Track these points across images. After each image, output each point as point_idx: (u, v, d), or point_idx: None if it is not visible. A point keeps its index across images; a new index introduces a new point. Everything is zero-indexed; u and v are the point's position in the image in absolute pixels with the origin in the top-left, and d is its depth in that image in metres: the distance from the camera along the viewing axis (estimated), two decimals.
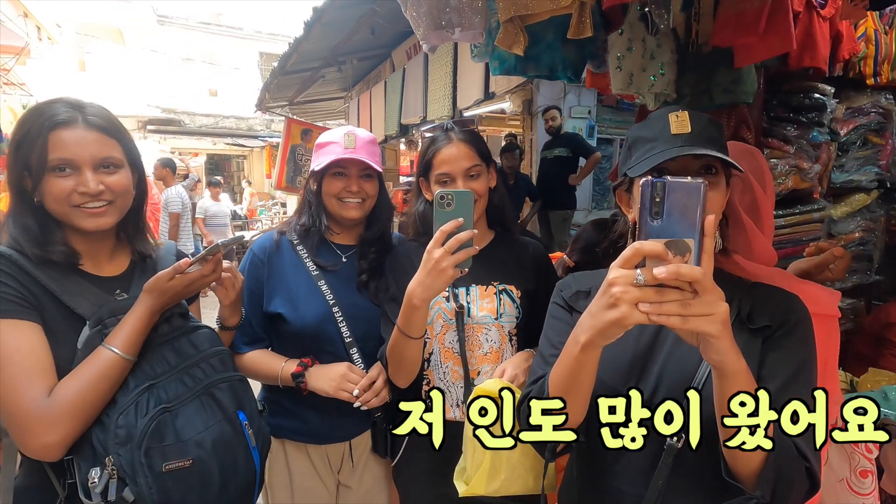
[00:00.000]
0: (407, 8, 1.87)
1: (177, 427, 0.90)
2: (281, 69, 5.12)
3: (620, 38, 2.22)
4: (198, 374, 0.98)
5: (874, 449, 1.02)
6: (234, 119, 14.16)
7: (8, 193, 0.97)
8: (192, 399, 0.94)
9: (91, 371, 0.88)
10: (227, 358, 1.07)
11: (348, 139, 1.30)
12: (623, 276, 0.61)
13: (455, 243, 0.94)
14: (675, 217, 0.59)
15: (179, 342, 1.00)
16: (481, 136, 1.32)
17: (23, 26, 7.50)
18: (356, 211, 1.32)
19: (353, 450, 1.40)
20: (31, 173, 0.93)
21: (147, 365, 0.94)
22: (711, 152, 0.78)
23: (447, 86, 3.98)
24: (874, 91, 2.67)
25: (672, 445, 0.78)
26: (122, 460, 0.86)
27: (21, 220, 0.94)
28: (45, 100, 0.98)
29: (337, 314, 1.31)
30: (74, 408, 0.86)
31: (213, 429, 0.95)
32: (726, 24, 2.09)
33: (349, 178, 1.31)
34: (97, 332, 0.92)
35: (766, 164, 1.11)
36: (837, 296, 0.99)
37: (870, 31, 2.49)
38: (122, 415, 0.88)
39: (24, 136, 0.92)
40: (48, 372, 0.88)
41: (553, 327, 0.96)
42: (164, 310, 0.99)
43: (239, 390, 1.05)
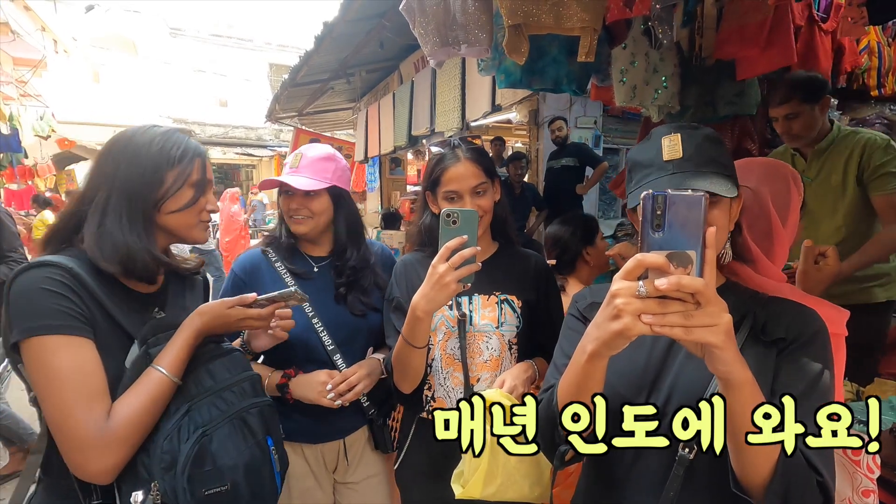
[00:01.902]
0: (415, 25, 1.92)
1: (213, 451, 0.90)
2: (291, 81, 5.20)
3: (624, 52, 2.26)
4: (230, 397, 0.98)
5: (875, 469, 1.01)
6: (243, 129, 14.35)
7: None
8: (225, 423, 0.94)
9: (144, 394, 0.88)
10: (258, 382, 1.07)
11: (295, 159, 1.37)
12: (626, 288, 0.61)
13: (459, 259, 0.98)
14: (676, 229, 0.60)
15: (214, 364, 0.99)
16: (486, 151, 1.36)
17: (40, 40, 7.68)
18: (303, 227, 1.37)
19: (347, 448, 1.42)
20: (170, 186, 0.97)
21: (186, 387, 0.94)
22: (697, 185, 0.77)
23: (456, 98, 4.03)
24: (878, 102, 2.69)
25: (684, 457, 0.78)
26: (167, 486, 0.86)
27: (135, 227, 0.95)
28: (170, 129, 1.04)
29: (317, 325, 1.35)
30: (131, 431, 0.85)
31: (245, 454, 0.95)
32: (729, 37, 2.13)
33: (293, 196, 1.37)
34: (143, 351, 0.92)
35: (798, 192, 1.05)
36: (846, 314, 0.98)
37: (872, 44, 2.52)
38: (166, 440, 0.88)
39: (182, 154, 0.99)
40: (105, 394, 0.86)
41: (567, 338, 0.96)
42: (209, 334, 1.00)
43: (268, 416, 1.05)
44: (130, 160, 0.96)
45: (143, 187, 0.96)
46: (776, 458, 0.68)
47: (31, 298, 0.85)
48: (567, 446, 0.79)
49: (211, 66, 14.83)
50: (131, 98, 12.83)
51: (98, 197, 0.95)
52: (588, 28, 1.76)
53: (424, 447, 1.33)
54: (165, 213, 0.98)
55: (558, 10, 1.78)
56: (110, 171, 0.96)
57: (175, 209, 0.99)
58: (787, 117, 1.96)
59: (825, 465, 0.71)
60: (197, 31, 14.71)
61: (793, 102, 1.95)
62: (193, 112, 13.70)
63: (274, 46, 15.51)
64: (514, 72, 2.29)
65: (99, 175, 0.97)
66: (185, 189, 0.99)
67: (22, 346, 0.84)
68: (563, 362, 0.90)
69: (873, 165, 1.90)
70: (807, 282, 1.29)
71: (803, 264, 1.30)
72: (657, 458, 0.81)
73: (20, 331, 0.83)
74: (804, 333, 0.80)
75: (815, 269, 1.28)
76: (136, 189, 0.95)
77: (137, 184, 0.95)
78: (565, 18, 1.78)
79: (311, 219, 1.37)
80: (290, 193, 1.37)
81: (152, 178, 0.96)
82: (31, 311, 0.84)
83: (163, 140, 0.99)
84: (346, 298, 1.39)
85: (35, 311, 0.84)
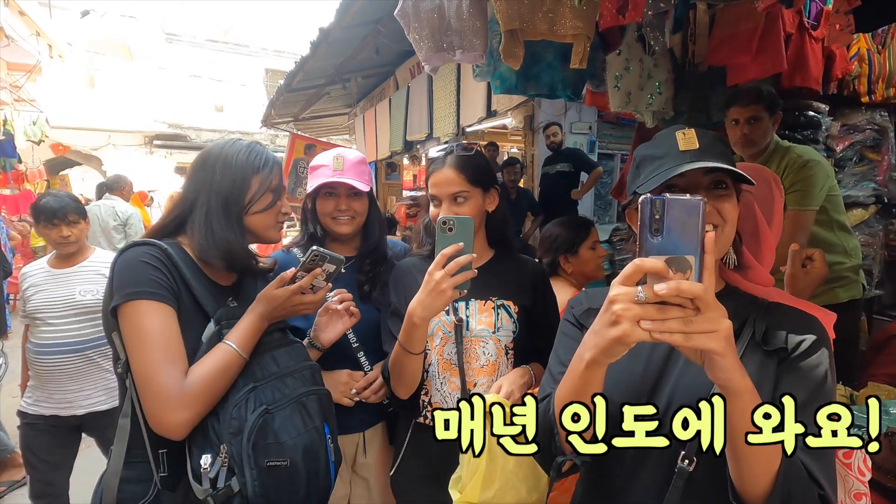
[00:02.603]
0: (410, 31, 1.93)
1: (275, 428, 0.97)
2: (287, 87, 5.21)
3: (618, 58, 2.28)
4: (291, 383, 1.06)
5: (867, 471, 1.01)
6: (239, 134, 14.30)
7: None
8: (287, 405, 1.02)
9: (217, 362, 0.98)
10: (317, 372, 1.15)
11: (337, 162, 1.42)
12: (624, 294, 0.59)
13: (455, 266, 0.99)
14: (675, 234, 0.59)
15: (278, 352, 1.09)
16: (482, 159, 1.33)
17: (35, 45, 7.66)
18: (347, 227, 1.43)
19: (367, 442, 1.46)
20: (255, 192, 1.09)
21: (252, 368, 1.03)
22: (721, 165, 0.77)
23: (451, 104, 4.05)
24: (869, 108, 2.72)
25: (683, 469, 0.77)
26: (233, 450, 0.93)
27: (230, 227, 1.07)
28: (251, 142, 1.16)
29: None
30: (205, 392, 0.95)
31: (304, 436, 1.02)
32: (721, 44, 2.16)
33: (339, 197, 1.42)
34: (217, 330, 1.03)
35: (780, 194, 1.08)
36: (833, 316, 0.99)
37: (863, 51, 2.55)
38: (235, 408, 0.96)
39: (264, 164, 1.11)
40: (184, 357, 0.97)
41: (563, 345, 0.95)
42: (272, 320, 1.09)
43: (325, 404, 1.12)
44: (223, 168, 1.08)
45: (235, 192, 1.08)
46: (776, 468, 0.67)
47: (132, 269, 0.98)
48: (564, 457, 0.78)
49: (207, 72, 14.82)
50: (126, 103, 12.80)
51: (199, 200, 1.08)
52: (581, 35, 1.78)
53: (421, 452, 1.33)
54: (251, 215, 1.10)
55: (552, 16, 1.80)
56: (208, 178, 1.08)
57: (259, 211, 1.10)
58: (750, 121, 2.01)
59: (827, 477, 0.70)
60: (193, 37, 14.71)
61: (759, 107, 2.00)
62: (189, 117, 13.67)
63: (270, 52, 15.52)
64: (510, 77, 2.31)
65: (197, 181, 1.10)
66: (268, 193, 1.11)
67: (120, 309, 0.96)
68: (558, 370, 0.89)
69: (788, 182, 1.98)
70: (795, 285, 1.30)
71: (791, 268, 1.32)
72: (656, 469, 0.81)
73: (121, 296, 0.95)
74: (805, 341, 0.79)
75: (803, 272, 1.30)
76: (230, 193, 1.08)
77: (231, 188, 1.08)
78: (559, 25, 1.80)
79: (354, 219, 1.44)
80: (334, 195, 1.42)
81: (242, 183, 1.09)
82: (131, 279, 0.97)
83: (248, 150, 1.12)
84: (371, 295, 1.44)
85: (134, 280, 0.97)
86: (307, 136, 7.91)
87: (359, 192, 1.42)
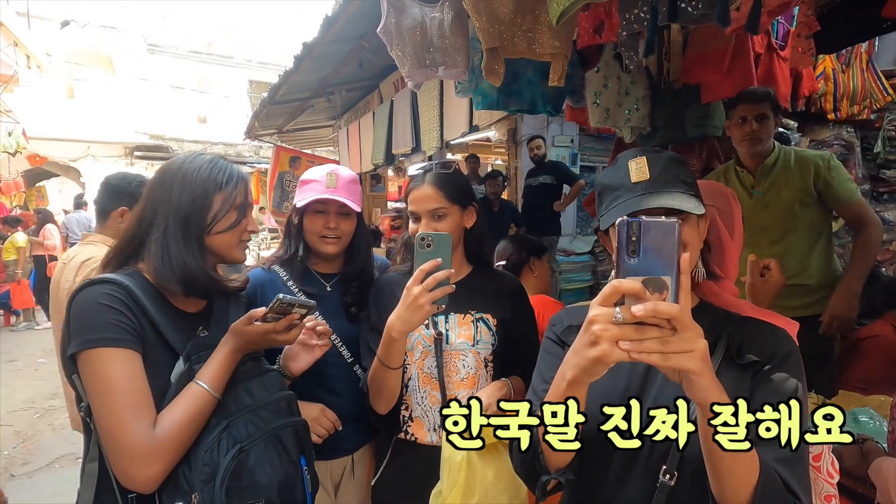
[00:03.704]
0: (392, 48, 1.96)
1: (250, 467, 0.93)
2: (270, 99, 5.21)
3: (597, 75, 2.35)
4: (266, 415, 1.01)
5: (835, 473, 1.05)
6: (222, 145, 14.20)
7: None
8: (261, 440, 0.97)
9: (188, 406, 0.92)
10: (293, 402, 1.10)
11: (330, 178, 1.38)
12: (603, 315, 0.61)
13: (433, 282, 1.01)
14: (651, 255, 0.60)
15: (252, 383, 1.03)
16: (460, 178, 1.37)
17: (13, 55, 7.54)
18: (333, 247, 1.40)
19: (355, 463, 1.44)
20: (218, 210, 1.03)
21: (225, 402, 0.98)
22: (667, 203, 0.80)
23: (435, 118, 4.10)
24: (836, 125, 2.83)
25: (665, 483, 0.79)
26: (206, 498, 0.89)
27: (188, 249, 1.01)
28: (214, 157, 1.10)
29: (336, 340, 1.37)
30: (175, 441, 0.89)
31: (280, 471, 0.97)
32: (694, 63, 2.23)
33: (328, 215, 1.39)
34: (187, 368, 0.96)
35: (739, 211, 1.14)
36: (795, 325, 1.02)
37: (828, 71, 2.67)
38: (207, 452, 0.91)
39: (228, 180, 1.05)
40: (151, 405, 0.91)
41: (546, 362, 0.96)
42: (245, 352, 1.03)
43: (302, 435, 1.08)
44: (182, 186, 1.02)
45: (195, 211, 1.02)
46: (755, 481, 0.69)
47: (90, 312, 0.91)
48: (549, 476, 0.79)
49: (190, 83, 14.73)
50: (107, 114, 12.63)
51: (156, 221, 1.02)
52: (559, 54, 1.83)
53: (403, 468, 1.33)
54: (213, 235, 1.04)
55: (531, 35, 1.85)
56: (165, 196, 1.02)
57: (221, 230, 1.05)
58: (758, 118, 2.02)
59: (802, 488, 0.73)
60: (176, 48, 14.63)
61: (767, 105, 2.02)
62: (171, 128, 13.53)
63: (254, 63, 15.50)
64: (491, 93, 2.35)
65: (154, 200, 1.03)
66: (231, 211, 1.05)
67: (79, 357, 0.90)
68: (542, 388, 0.91)
69: (828, 182, 2.02)
70: (755, 294, 1.36)
71: (751, 277, 1.37)
72: (639, 484, 0.82)
73: (79, 342, 0.90)
74: (777, 354, 0.82)
75: (762, 281, 1.35)
76: (190, 213, 1.02)
77: (191, 207, 1.02)
78: (537, 44, 1.85)
79: (340, 240, 1.41)
80: (324, 213, 1.38)
81: (203, 202, 1.03)
82: (90, 324, 0.90)
83: (209, 167, 1.05)
84: (359, 316, 1.42)
85: (93, 325, 0.90)
86: (292, 149, 7.89)
87: (349, 212, 1.40)
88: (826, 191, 2.03)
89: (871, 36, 2.28)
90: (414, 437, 1.30)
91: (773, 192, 2.07)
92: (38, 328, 7.62)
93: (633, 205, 0.81)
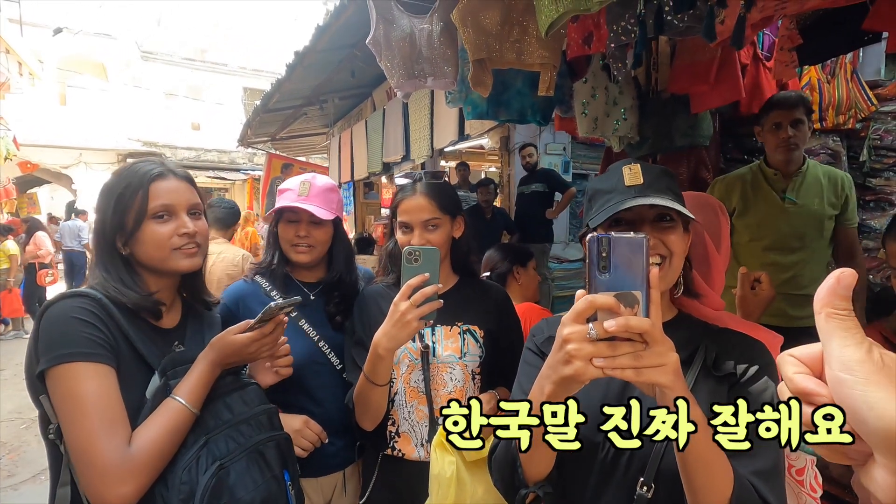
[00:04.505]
0: (382, 59, 1.98)
1: (230, 485, 0.90)
2: (263, 107, 5.21)
3: (585, 85, 2.37)
4: (247, 430, 0.98)
5: (818, 488, 1.05)
6: (216, 152, 14.18)
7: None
8: (242, 456, 0.94)
9: (164, 423, 0.89)
10: (275, 415, 1.07)
11: (303, 187, 1.36)
12: (576, 333, 0.62)
13: (420, 297, 0.99)
14: (621, 270, 0.61)
15: (231, 397, 1.01)
16: (449, 188, 1.37)
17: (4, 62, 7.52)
18: (305, 256, 1.38)
19: (346, 480, 1.41)
20: (125, 225, 0.97)
21: (204, 418, 0.95)
22: (661, 202, 0.82)
23: (426, 127, 4.11)
24: (823, 134, 2.86)
25: (642, 496, 0.79)
26: None
27: (115, 272, 0.97)
28: (135, 160, 1.05)
29: (324, 347, 1.36)
30: (151, 459, 0.86)
31: (262, 488, 0.95)
32: (681, 73, 2.26)
33: (300, 224, 1.37)
34: (163, 383, 0.93)
35: (726, 221, 1.14)
36: (780, 339, 1.04)
37: (813, 81, 2.70)
38: (185, 471, 0.88)
39: (125, 189, 0.98)
40: (126, 421, 0.87)
41: (526, 373, 0.96)
42: (226, 367, 1.00)
43: (285, 449, 1.05)
44: (99, 209, 0.99)
45: (109, 234, 0.98)
46: (729, 493, 0.69)
47: (61, 326, 0.87)
48: (527, 489, 0.79)
49: (183, 90, 14.71)
50: (99, 121, 12.58)
51: (96, 244, 1.00)
52: (547, 64, 1.85)
53: (390, 485, 1.30)
54: (132, 250, 0.99)
55: (519, 46, 1.86)
56: (95, 222, 1.00)
57: (132, 243, 0.98)
58: (794, 124, 1.97)
59: (776, 497, 0.73)
60: (170, 56, 14.61)
61: (801, 110, 1.97)
62: (165, 135, 13.50)
63: (248, 71, 15.50)
64: (481, 104, 2.37)
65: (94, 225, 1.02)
66: (128, 221, 0.98)
67: (48, 373, 0.86)
68: (522, 399, 0.91)
69: (847, 198, 2.04)
70: (745, 307, 1.36)
71: (741, 290, 1.37)
72: (617, 496, 0.83)
73: (50, 358, 0.86)
74: (753, 367, 0.83)
75: (752, 294, 1.35)
76: (102, 233, 0.98)
77: (101, 230, 0.98)
78: (526, 55, 1.87)
79: (314, 248, 1.38)
80: (296, 221, 1.37)
81: (112, 222, 0.98)
82: (61, 339, 0.87)
83: (115, 180, 1.00)
84: (343, 326, 1.40)
85: (65, 340, 0.86)
86: (284, 156, 7.89)
87: (321, 221, 1.37)
88: (843, 208, 2.05)
89: (853, 48, 2.31)
90: (401, 453, 1.28)
91: (805, 200, 2.04)
92: (27, 337, 7.51)
93: (627, 203, 0.82)
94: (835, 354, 0.37)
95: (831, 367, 0.38)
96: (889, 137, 2.88)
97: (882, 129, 2.88)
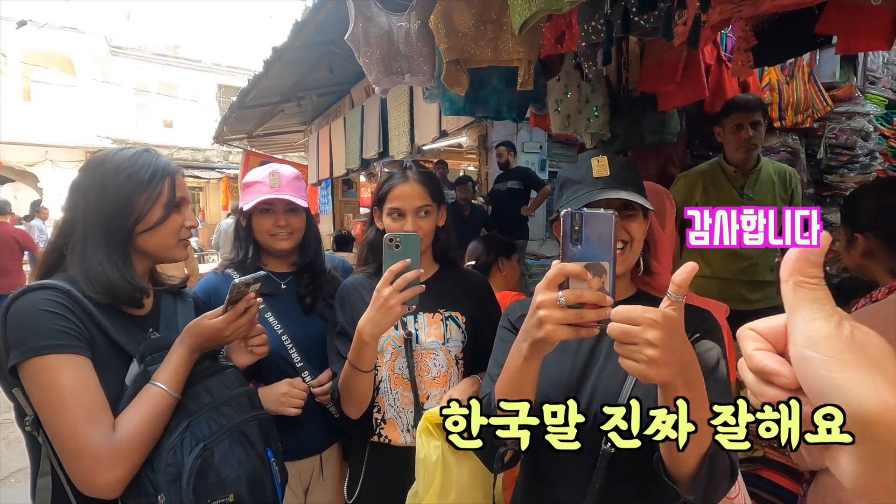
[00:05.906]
0: (360, 55, 2.01)
1: (216, 465, 0.92)
2: (240, 104, 5.16)
3: (558, 84, 2.44)
4: (228, 412, 1.00)
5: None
6: (190, 150, 13.90)
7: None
8: (225, 436, 0.96)
9: (147, 407, 0.90)
10: (255, 396, 1.09)
11: (273, 178, 1.39)
12: (548, 300, 0.70)
13: (402, 282, 1.01)
14: (592, 242, 0.69)
15: (211, 381, 1.02)
16: (436, 177, 1.41)
17: None
18: (286, 243, 1.41)
19: (323, 463, 1.43)
20: (150, 213, 0.99)
21: (184, 402, 0.96)
22: (626, 196, 0.90)
23: (405, 123, 4.15)
24: (782, 132, 3.01)
25: (606, 451, 0.86)
26: (173, 498, 0.88)
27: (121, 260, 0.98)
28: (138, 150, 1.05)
29: (286, 342, 1.37)
30: (137, 444, 0.87)
31: (247, 466, 0.97)
32: (649, 73, 2.36)
33: (276, 214, 1.40)
34: (143, 369, 0.94)
35: (671, 206, 1.25)
36: (724, 308, 1.14)
37: (773, 81, 2.84)
38: (170, 453, 0.90)
39: (152, 176, 1.00)
40: (108, 409, 0.88)
41: (501, 349, 1.00)
42: (203, 351, 1.02)
43: (266, 428, 1.07)
44: (100, 191, 0.97)
45: (115, 217, 0.97)
46: (704, 451, 0.74)
47: (31, 320, 0.86)
48: (505, 447, 0.84)
49: (156, 86, 14.37)
50: (66, 117, 12.20)
51: (76, 230, 0.97)
52: (524, 59, 1.91)
53: (378, 471, 1.31)
54: (141, 238, 1.01)
55: (496, 44, 1.92)
56: (82, 203, 0.97)
57: (147, 230, 1.00)
58: (753, 125, 2.12)
59: None
60: (140, 51, 14.25)
61: (760, 113, 2.13)
62: (136, 132, 13.16)
63: (223, 68, 15.24)
64: (458, 100, 2.42)
65: (72, 208, 0.98)
66: (156, 210, 1.00)
67: (22, 367, 0.85)
68: (497, 372, 0.95)
69: (794, 192, 2.22)
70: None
71: None
72: (584, 453, 0.87)
73: (21, 352, 0.84)
74: (700, 329, 0.92)
75: None
76: (109, 219, 0.97)
77: (109, 214, 0.97)
78: (503, 52, 1.92)
79: (293, 235, 1.42)
80: (271, 212, 1.40)
81: (123, 205, 0.98)
82: (32, 332, 0.85)
83: (130, 164, 1.00)
84: (315, 306, 1.43)
85: (36, 333, 0.85)
86: (261, 153, 7.81)
87: (296, 208, 1.41)
88: (790, 200, 2.23)
89: (807, 50, 2.45)
90: (388, 440, 1.30)
91: (761, 196, 2.21)
92: None
93: (594, 196, 0.90)
94: (800, 328, 0.33)
95: (795, 343, 0.34)
96: (843, 136, 3.05)
97: (837, 129, 3.04)
